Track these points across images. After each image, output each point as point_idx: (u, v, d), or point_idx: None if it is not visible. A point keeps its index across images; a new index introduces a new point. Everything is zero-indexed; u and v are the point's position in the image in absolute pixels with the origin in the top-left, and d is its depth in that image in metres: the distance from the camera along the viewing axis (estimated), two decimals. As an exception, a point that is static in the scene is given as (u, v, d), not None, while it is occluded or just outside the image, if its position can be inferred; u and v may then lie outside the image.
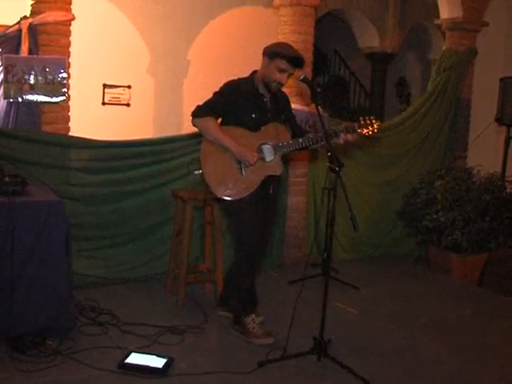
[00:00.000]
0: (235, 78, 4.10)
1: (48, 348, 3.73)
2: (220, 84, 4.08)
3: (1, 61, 4.81)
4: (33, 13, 4.87)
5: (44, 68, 4.84)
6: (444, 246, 6.02)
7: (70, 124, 5.12)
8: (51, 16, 4.82)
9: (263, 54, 4.04)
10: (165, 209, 5.28)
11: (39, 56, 4.85)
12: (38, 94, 4.87)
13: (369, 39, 11.41)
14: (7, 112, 4.87)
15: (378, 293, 5.44)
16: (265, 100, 4.10)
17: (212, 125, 3.98)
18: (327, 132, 3.81)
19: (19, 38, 4.81)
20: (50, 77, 4.87)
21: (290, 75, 4.01)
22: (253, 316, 4.16)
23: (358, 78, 12.90)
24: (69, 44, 5.01)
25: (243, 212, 4.00)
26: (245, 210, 3.99)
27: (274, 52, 3.96)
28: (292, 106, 4.41)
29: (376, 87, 11.91)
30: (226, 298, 4.45)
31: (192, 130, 4.69)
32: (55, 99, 4.94)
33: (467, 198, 5.93)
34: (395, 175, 6.68)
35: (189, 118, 4.07)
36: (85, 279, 4.88)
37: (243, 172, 3.96)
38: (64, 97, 4.98)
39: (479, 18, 7.10)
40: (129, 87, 7.94)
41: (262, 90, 4.08)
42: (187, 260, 4.71)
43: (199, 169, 4.03)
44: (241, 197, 3.96)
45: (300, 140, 4.00)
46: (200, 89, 7.81)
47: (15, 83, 4.80)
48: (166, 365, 3.61)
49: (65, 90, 4.97)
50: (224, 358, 3.93)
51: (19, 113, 4.87)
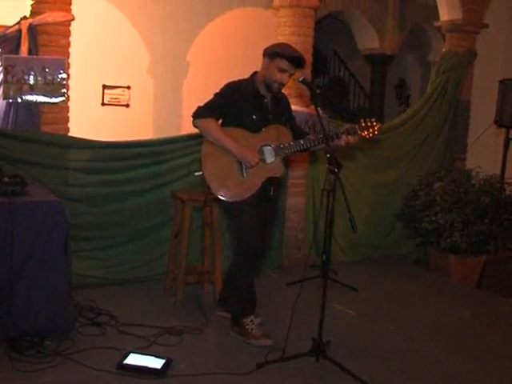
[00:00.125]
0: (236, 79, 4.09)
1: (47, 348, 3.73)
2: (220, 85, 4.07)
3: (0, 61, 4.81)
4: (32, 13, 4.87)
5: (43, 68, 4.84)
6: (443, 248, 6.02)
7: (70, 124, 5.12)
8: (51, 16, 4.82)
9: (263, 55, 4.03)
10: (164, 209, 5.27)
11: (39, 56, 4.85)
12: (38, 95, 4.87)
13: (368, 41, 11.42)
14: (6, 112, 4.87)
15: (377, 294, 5.44)
16: (265, 101, 4.09)
17: (213, 126, 3.96)
18: (327, 133, 3.81)
19: (19, 39, 4.81)
20: (50, 77, 4.87)
21: (291, 75, 4.00)
22: (252, 317, 4.16)
23: (358, 80, 12.91)
24: (68, 44, 5.00)
25: (243, 213, 3.99)
26: (245, 211, 3.98)
27: (275, 52, 3.96)
28: (292, 108, 4.40)
29: (375, 89, 11.93)
30: (226, 299, 4.45)
31: (192, 131, 4.68)
32: (55, 100, 4.94)
33: (466, 200, 5.93)
34: (394, 177, 6.68)
35: (188, 119, 4.07)
36: (84, 280, 4.88)
37: (244, 173, 3.96)
38: (63, 97, 4.98)
39: (479, 20, 7.11)
40: (128, 88, 7.94)
41: (263, 91, 4.07)
42: (186, 261, 4.71)
43: (199, 170, 4.02)
44: (242, 198, 3.95)
45: (301, 142, 3.99)
46: (200, 90, 7.82)
47: (15, 83, 4.79)
48: (165, 366, 3.60)
49: (64, 91, 4.97)
50: (223, 359, 3.92)
51: (18, 113, 4.87)
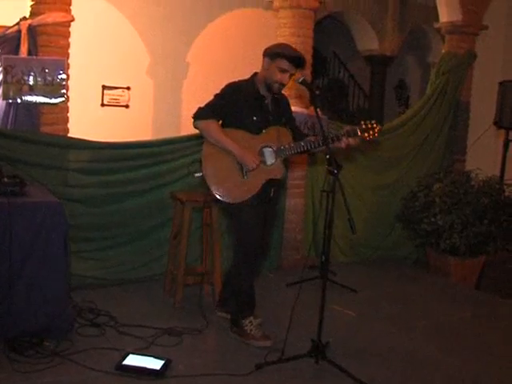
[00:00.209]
0: (236, 80, 4.07)
1: (46, 349, 3.72)
2: (219, 86, 4.06)
3: (0, 61, 4.81)
4: (32, 14, 4.87)
5: (43, 69, 4.84)
6: (442, 249, 6.03)
7: (69, 125, 5.12)
8: (51, 17, 4.82)
9: (263, 56, 4.02)
10: (164, 210, 5.27)
11: (38, 57, 4.85)
12: (37, 95, 4.87)
13: (368, 42, 11.42)
14: (6, 113, 4.87)
15: (376, 295, 5.44)
16: (266, 102, 4.08)
17: (214, 127, 3.95)
18: (326, 135, 3.80)
19: (18, 39, 4.81)
20: (49, 78, 4.87)
21: (292, 75, 3.99)
22: (251, 318, 4.16)
23: (357, 81, 12.92)
24: (68, 45, 5.01)
25: (243, 214, 3.99)
26: (245, 212, 3.98)
27: (275, 52, 3.95)
28: (291, 108, 4.40)
29: (375, 90, 11.93)
30: (225, 299, 4.45)
31: (191, 132, 4.69)
32: (54, 100, 4.94)
33: (465, 202, 5.93)
34: (394, 178, 6.67)
35: (188, 120, 4.07)
36: (83, 280, 4.87)
37: (245, 175, 3.96)
38: (63, 98, 4.98)
39: (478, 22, 7.11)
40: (128, 89, 7.95)
41: (263, 92, 4.06)
42: (185, 261, 4.71)
43: (199, 171, 4.01)
44: (242, 200, 3.95)
45: (302, 143, 3.98)
46: (199, 91, 7.84)
47: (14, 84, 4.80)
48: (164, 366, 3.60)
49: (64, 91, 4.97)
50: (222, 360, 3.92)
51: (18, 114, 4.87)
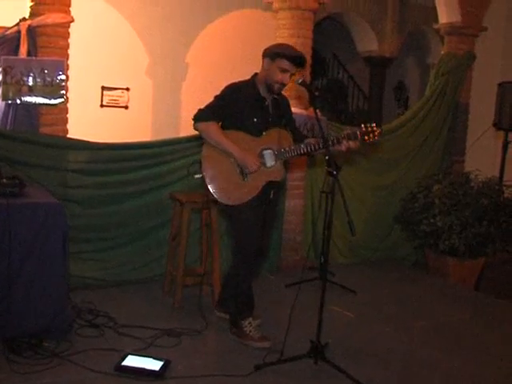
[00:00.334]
0: (236, 81, 4.06)
1: (45, 350, 3.72)
2: (219, 87, 4.06)
3: (-1, 62, 4.82)
4: (32, 14, 4.87)
5: (42, 70, 4.84)
6: (441, 251, 6.03)
7: (69, 126, 5.12)
8: (50, 18, 4.82)
9: (263, 56, 4.01)
10: (163, 211, 5.26)
11: (38, 58, 4.85)
12: (37, 96, 4.87)
13: (367, 43, 11.43)
14: (5, 113, 4.87)
15: (376, 296, 5.44)
16: (266, 103, 4.07)
17: (214, 129, 3.94)
18: (326, 137, 3.80)
19: (18, 40, 4.81)
20: (49, 79, 4.87)
21: (292, 75, 3.99)
22: (250, 319, 4.16)
23: (357, 82, 12.92)
24: (67, 46, 5.01)
25: (243, 215, 3.98)
26: (245, 214, 3.97)
27: (276, 53, 3.93)
28: (291, 110, 4.39)
29: (374, 91, 11.93)
30: (225, 300, 4.45)
31: (190, 133, 4.69)
32: (53, 101, 4.94)
33: (465, 203, 5.93)
34: (393, 179, 6.67)
35: (187, 121, 4.07)
36: (82, 281, 4.87)
37: (245, 177, 3.95)
38: (62, 99, 4.97)
39: (478, 23, 7.11)
40: (127, 90, 7.95)
41: (264, 94, 4.05)
42: (184, 262, 4.71)
43: (199, 172, 4.00)
44: (242, 202, 3.95)
45: (302, 146, 3.98)
46: (198, 92, 7.86)
47: (14, 85, 4.79)
48: (163, 367, 3.60)
49: (63, 92, 4.97)
50: (221, 361, 3.92)
51: (17, 114, 4.87)
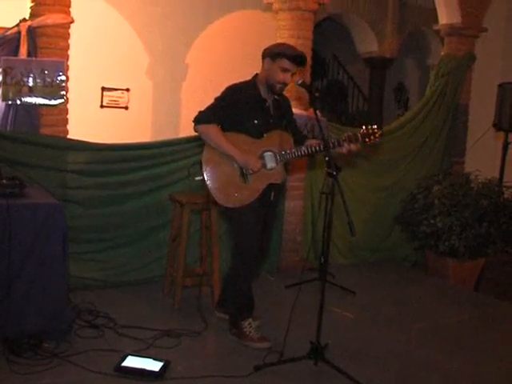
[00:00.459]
0: (237, 82, 4.04)
1: (44, 350, 3.72)
2: (218, 87, 4.05)
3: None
4: (32, 15, 4.87)
5: (43, 70, 4.84)
6: (441, 251, 6.03)
7: (69, 127, 5.12)
8: (50, 18, 4.82)
9: (263, 57, 4.00)
10: (163, 212, 5.26)
11: (38, 58, 4.85)
12: (37, 97, 4.87)
13: (367, 44, 11.44)
14: (5, 114, 4.86)
15: (375, 297, 5.44)
16: (267, 104, 4.06)
17: (215, 131, 3.92)
18: (325, 138, 3.80)
19: (18, 41, 4.81)
20: (49, 79, 4.87)
21: (293, 74, 3.97)
22: (250, 320, 4.15)
23: (357, 83, 12.92)
24: (68, 47, 5.01)
25: (243, 217, 3.98)
26: (245, 216, 3.97)
27: (276, 52, 3.92)
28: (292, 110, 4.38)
29: (374, 92, 11.93)
30: (225, 301, 4.45)
31: (190, 133, 4.68)
32: (54, 102, 4.94)
33: (464, 204, 5.93)
34: (393, 180, 6.67)
35: (187, 121, 4.07)
36: (82, 282, 4.86)
37: (246, 179, 3.95)
38: (62, 99, 4.97)
39: (478, 24, 7.12)
40: (127, 90, 7.95)
41: (265, 94, 4.04)
42: (184, 263, 4.71)
43: (200, 174, 3.99)
44: (243, 204, 3.95)
45: (303, 148, 3.97)
46: (198, 92, 7.87)
47: (14, 85, 4.79)
48: (163, 368, 3.60)
49: (63, 93, 4.97)
50: (220, 362, 3.92)
51: (17, 115, 4.87)
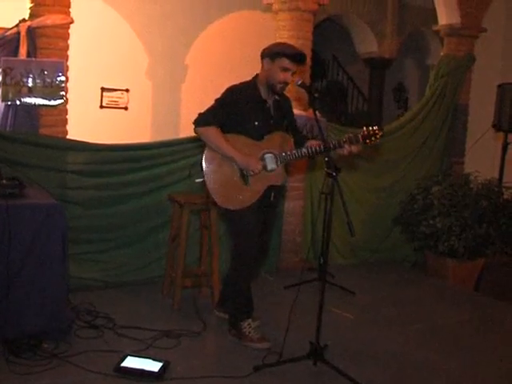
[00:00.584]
0: (237, 83, 4.02)
1: (44, 351, 3.72)
2: (218, 88, 4.04)
3: (-1, 63, 4.82)
4: (31, 16, 4.87)
5: (42, 71, 4.84)
6: (441, 252, 6.03)
7: (68, 127, 5.12)
8: (50, 19, 4.82)
9: (262, 57, 3.99)
10: (163, 212, 5.26)
11: (37, 59, 4.85)
12: (36, 97, 4.87)
13: (367, 44, 11.44)
14: (5, 115, 4.86)
15: (375, 298, 5.44)
16: (267, 105, 4.05)
17: (215, 134, 3.90)
18: (324, 138, 3.80)
19: (18, 41, 4.81)
20: (48, 80, 4.87)
21: (294, 73, 3.96)
22: (249, 321, 4.15)
23: (356, 84, 12.91)
24: (67, 47, 5.01)
25: (243, 218, 3.98)
26: (245, 217, 3.97)
27: (276, 52, 3.92)
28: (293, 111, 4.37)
29: (374, 92, 11.94)
30: (224, 300, 4.46)
31: (190, 134, 4.68)
32: (53, 102, 4.94)
33: (464, 204, 5.93)
34: (392, 180, 6.68)
35: (186, 122, 4.06)
36: (81, 282, 4.86)
37: (246, 181, 3.95)
38: (62, 100, 4.98)
39: (477, 24, 7.12)
40: (127, 91, 7.95)
41: (265, 95, 4.03)
42: (184, 264, 4.71)
43: (200, 176, 3.98)
44: (243, 206, 3.94)
45: (303, 149, 3.96)
46: (198, 93, 7.87)
47: (13, 86, 4.79)
48: (162, 369, 3.60)
49: (63, 93, 4.97)
50: (220, 362, 3.92)
51: (17, 115, 4.87)
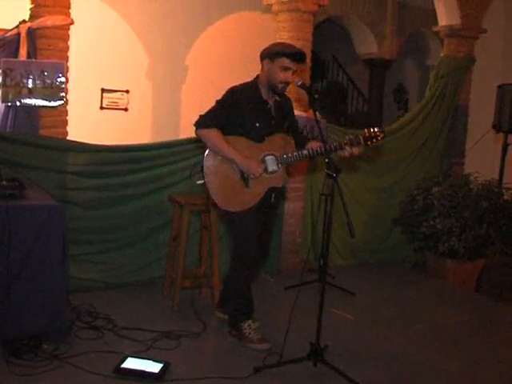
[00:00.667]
0: (238, 84, 4.01)
1: (44, 352, 3.72)
2: (218, 89, 4.04)
3: (-1, 64, 4.82)
4: (32, 17, 4.87)
5: (42, 72, 4.84)
6: (441, 253, 6.03)
7: (68, 128, 5.12)
8: (50, 20, 4.82)
9: (262, 58, 3.99)
10: (163, 213, 5.26)
11: (37, 60, 4.85)
12: (36, 98, 4.87)
13: (367, 45, 11.43)
14: (5, 116, 4.86)
15: (375, 299, 5.44)
16: (268, 107, 4.05)
17: (216, 136, 3.89)
18: (324, 139, 3.80)
19: (18, 42, 4.81)
20: (49, 81, 4.87)
21: (294, 72, 3.96)
22: (249, 322, 4.15)
23: (356, 84, 12.91)
24: (67, 48, 5.01)
25: (243, 220, 3.98)
26: (245, 219, 3.97)
27: (275, 52, 3.92)
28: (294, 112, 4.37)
29: (374, 93, 11.93)
30: (225, 301, 4.46)
31: (190, 135, 4.68)
32: (53, 103, 4.94)
33: (464, 205, 5.93)
34: (392, 181, 6.68)
35: (186, 123, 4.06)
36: (82, 283, 4.86)
37: (247, 184, 3.94)
38: (62, 101, 4.98)
39: (477, 25, 7.12)
40: (127, 92, 7.95)
41: (266, 96, 4.03)
42: (184, 265, 4.70)
43: (202, 178, 3.97)
44: (244, 208, 3.95)
45: (304, 151, 3.95)
46: (198, 94, 7.87)
47: (13, 87, 4.79)
48: (162, 370, 3.60)
49: (63, 95, 4.97)
50: (220, 363, 3.92)
51: (17, 117, 4.86)
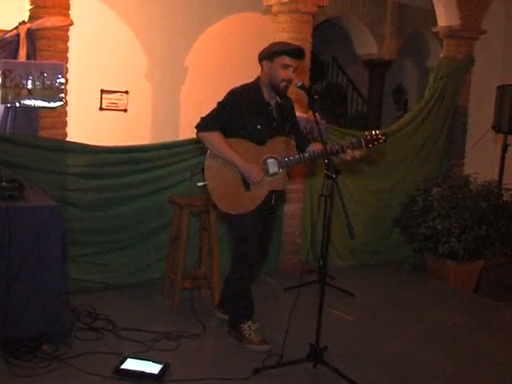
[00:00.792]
0: (239, 86, 4.01)
1: (44, 353, 3.72)
2: (217, 90, 4.04)
3: (-1, 66, 4.82)
4: (31, 18, 4.87)
5: (42, 73, 4.84)
6: (440, 254, 6.03)
7: (68, 129, 5.12)
8: (49, 21, 4.81)
9: (260, 60, 3.99)
10: (163, 214, 5.26)
11: (37, 61, 4.85)
12: (36, 99, 4.87)
13: (367, 46, 11.42)
14: (5, 117, 4.86)
15: (375, 300, 5.44)
16: (270, 108, 4.05)
17: (217, 139, 3.88)
18: (324, 141, 3.81)
19: (17, 43, 4.80)
20: (48, 82, 4.87)
21: (295, 70, 3.95)
22: (249, 323, 4.15)
23: (356, 85, 12.90)
24: (67, 49, 5.00)
25: (243, 222, 3.98)
26: (245, 220, 3.97)
27: (273, 52, 3.92)
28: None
29: (373, 94, 11.91)
30: (225, 301, 4.45)
31: (189, 136, 4.68)
32: (53, 104, 4.94)
33: (464, 206, 5.94)
34: (392, 182, 6.68)
35: (186, 124, 4.05)
36: (81, 284, 4.86)
37: (248, 187, 3.94)
38: (61, 102, 4.97)
39: (477, 26, 7.12)
40: (126, 93, 7.94)
41: (268, 97, 4.03)
42: (183, 266, 4.70)
43: (202, 180, 3.96)
44: (245, 211, 3.95)
45: (306, 154, 3.96)
46: (197, 95, 7.87)
47: (13, 88, 4.79)
48: (162, 371, 3.60)
49: (62, 96, 4.97)
50: (220, 364, 3.92)
51: (17, 118, 4.86)
